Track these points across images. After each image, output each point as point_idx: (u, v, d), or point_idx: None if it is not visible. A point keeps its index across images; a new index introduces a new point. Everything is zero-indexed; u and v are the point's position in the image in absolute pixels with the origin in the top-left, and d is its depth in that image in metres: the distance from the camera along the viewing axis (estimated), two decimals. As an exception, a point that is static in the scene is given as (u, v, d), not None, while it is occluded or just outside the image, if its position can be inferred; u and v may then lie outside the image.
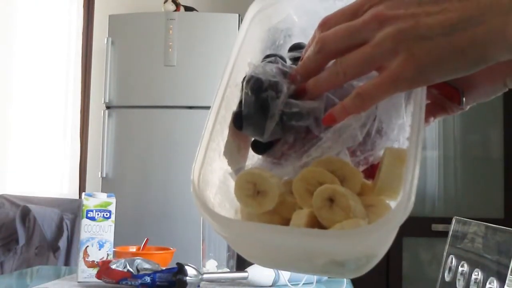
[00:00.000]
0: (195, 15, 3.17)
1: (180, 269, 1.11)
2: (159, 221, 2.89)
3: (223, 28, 2.97)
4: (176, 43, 2.96)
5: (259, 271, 1.23)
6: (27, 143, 3.54)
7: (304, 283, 1.26)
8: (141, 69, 3.00)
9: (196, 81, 2.94)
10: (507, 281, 0.78)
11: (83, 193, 1.28)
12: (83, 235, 1.25)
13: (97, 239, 1.25)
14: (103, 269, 1.17)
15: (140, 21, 3.04)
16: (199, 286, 1.14)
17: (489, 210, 2.88)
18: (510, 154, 2.89)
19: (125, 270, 1.14)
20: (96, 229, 1.25)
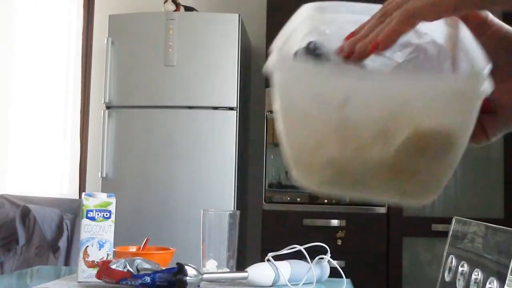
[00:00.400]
0: (195, 15, 3.17)
1: (180, 269, 1.11)
2: (159, 221, 2.89)
3: (223, 28, 2.97)
4: (176, 43, 2.96)
5: (259, 271, 1.23)
6: (27, 143, 3.54)
7: (304, 283, 1.26)
8: (141, 69, 3.00)
9: (196, 81, 2.94)
10: (507, 281, 0.78)
11: (83, 193, 1.28)
12: (83, 235, 1.25)
13: (97, 239, 1.25)
14: (103, 269, 1.17)
15: (140, 21, 3.04)
16: (199, 286, 1.14)
17: (489, 210, 2.88)
18: (510, 154, 2.89)
19: (125, 270, 1.14)
20: (96, 229, 1.25)
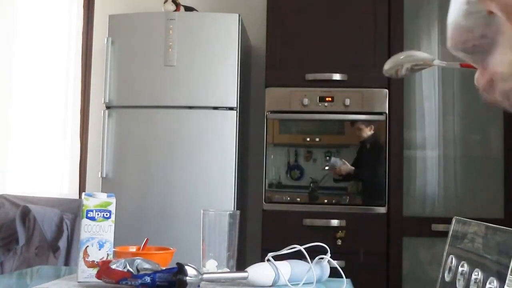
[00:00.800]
0: (195, 15, 3.17)
1: (180, 269, 1.11)
2: (159, 221, 2.89)
3: (223, 28, 2.97)
4: (176, 43, 2.96)
5: (259, 271, 1.23)
6: (27, 143, 3.54)
7: (304, 283, 1.26)
8: (141, 69, 3.00)
9: (196, 81, 2.94)
10: (507, 281, 0.78)
11: (83, 193, 1.28)
12: (83, 235, 1.25)
13: (97, 239, 1.25)
14: (103, 269, 1.17)
15: (140, 21, 3.04)
16: (199, 286, 1.14)
17: (489, 210, 2.88)
18: (510, 154, 2.89)
19: (125, 270, 1.14)
20: (96, 229, 1.25)
